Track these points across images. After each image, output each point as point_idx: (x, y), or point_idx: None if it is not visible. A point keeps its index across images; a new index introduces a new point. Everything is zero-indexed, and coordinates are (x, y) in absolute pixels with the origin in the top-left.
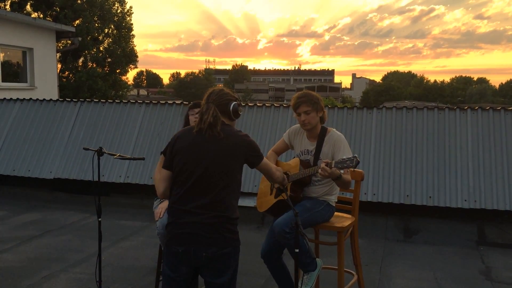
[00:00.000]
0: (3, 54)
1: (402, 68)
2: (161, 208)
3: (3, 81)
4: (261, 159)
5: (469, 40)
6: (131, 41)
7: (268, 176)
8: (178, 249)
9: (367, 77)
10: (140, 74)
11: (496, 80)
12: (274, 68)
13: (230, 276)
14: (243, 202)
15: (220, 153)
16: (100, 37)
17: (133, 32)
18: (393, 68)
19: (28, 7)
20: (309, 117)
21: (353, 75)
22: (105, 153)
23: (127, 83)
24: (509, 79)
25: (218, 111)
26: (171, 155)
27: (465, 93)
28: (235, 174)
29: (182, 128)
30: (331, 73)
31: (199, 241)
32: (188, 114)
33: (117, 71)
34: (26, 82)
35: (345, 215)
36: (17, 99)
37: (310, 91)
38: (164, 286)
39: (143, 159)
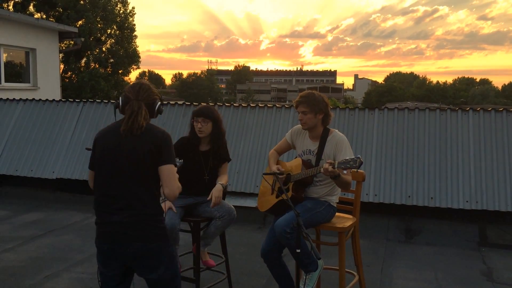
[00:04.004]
0: (6, 55)
1: (405, 69)
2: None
3: (6, 81)
4: (170, 161)
5: (472, 41)
6: (134, 42)
7: (166, 181)
8: (104, 246)
9: (369, 78)
10: (142, 74)
11: (498, 81)
12: (276, 69)
13: (164, 270)
14: (244, 202)
15: (135, 150)
16: (103, 38)
17: (135, 33)
18: (395, 69)
19: (31, 7)
20: (305, 117)
21: (355, 76)
22: None
23: (129, 83)
24: None
25: (146, 109)
26: (93, 154)
27: (468, 94)
28: (152, 170)
29: (109, 125)
30: (333, 74)
31: (122, 239)
32: (193, 122)
33: (120, 71)
34: (29, 82)
35: (346, 215)
36: (20, 99)
37: (314, 93)
38: (100, 281)
39: None
